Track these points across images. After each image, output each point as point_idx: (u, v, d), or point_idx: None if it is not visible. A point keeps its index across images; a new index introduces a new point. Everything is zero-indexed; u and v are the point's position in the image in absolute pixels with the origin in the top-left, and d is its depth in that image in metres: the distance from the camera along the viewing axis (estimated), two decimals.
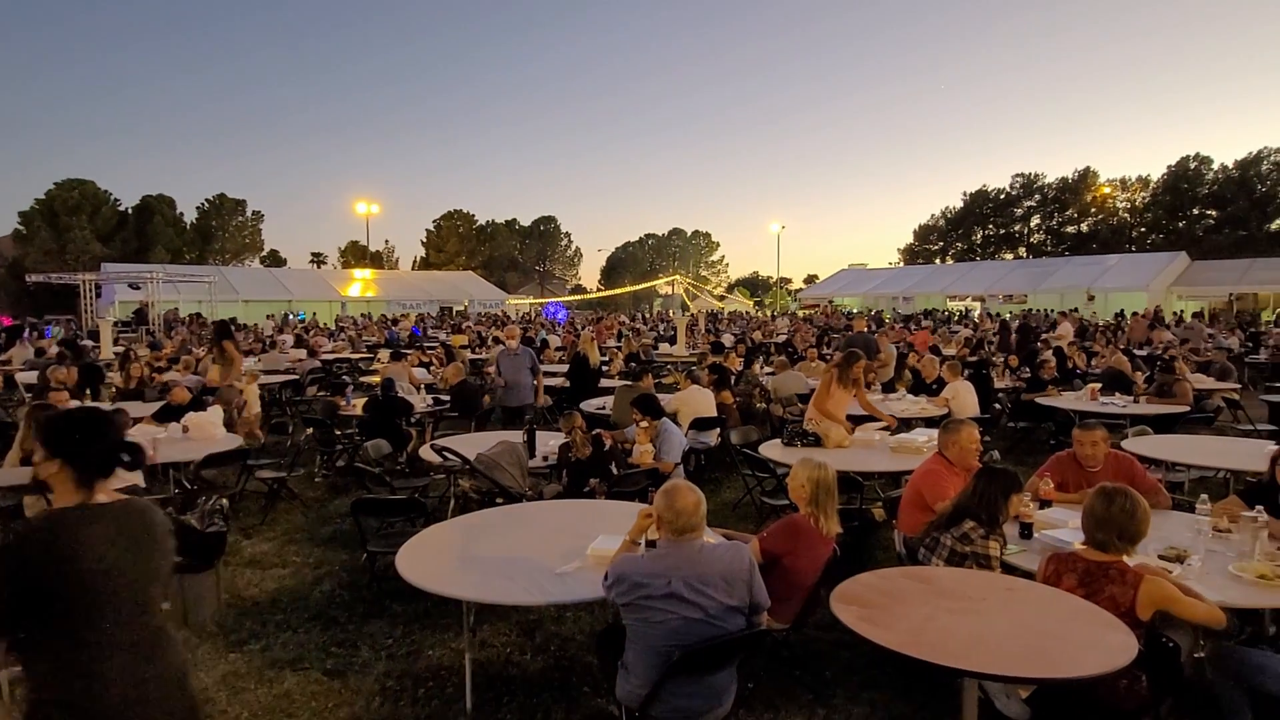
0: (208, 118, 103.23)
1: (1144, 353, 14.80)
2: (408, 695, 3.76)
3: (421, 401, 8.84)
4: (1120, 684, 2.79)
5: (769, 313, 46.24)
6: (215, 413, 6.97)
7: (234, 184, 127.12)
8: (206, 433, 6.67)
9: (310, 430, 7.64)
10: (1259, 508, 4.02)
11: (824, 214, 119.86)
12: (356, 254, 63.51)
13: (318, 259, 69.10)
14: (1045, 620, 2.80)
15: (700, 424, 7.47)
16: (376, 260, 62.73)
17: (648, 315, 41.95)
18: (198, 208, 58.07)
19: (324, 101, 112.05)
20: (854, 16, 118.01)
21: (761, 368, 12.08)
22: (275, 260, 63.72)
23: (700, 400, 7.73)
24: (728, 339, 19.20)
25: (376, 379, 9.93)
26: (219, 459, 6.22)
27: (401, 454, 7.37)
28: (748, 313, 45.40)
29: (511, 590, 3.29)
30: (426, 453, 6.04)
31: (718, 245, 79.67)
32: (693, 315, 31.32)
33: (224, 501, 4.73)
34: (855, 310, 36.72)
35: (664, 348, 18.69)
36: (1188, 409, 8.18)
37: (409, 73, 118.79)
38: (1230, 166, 47.78)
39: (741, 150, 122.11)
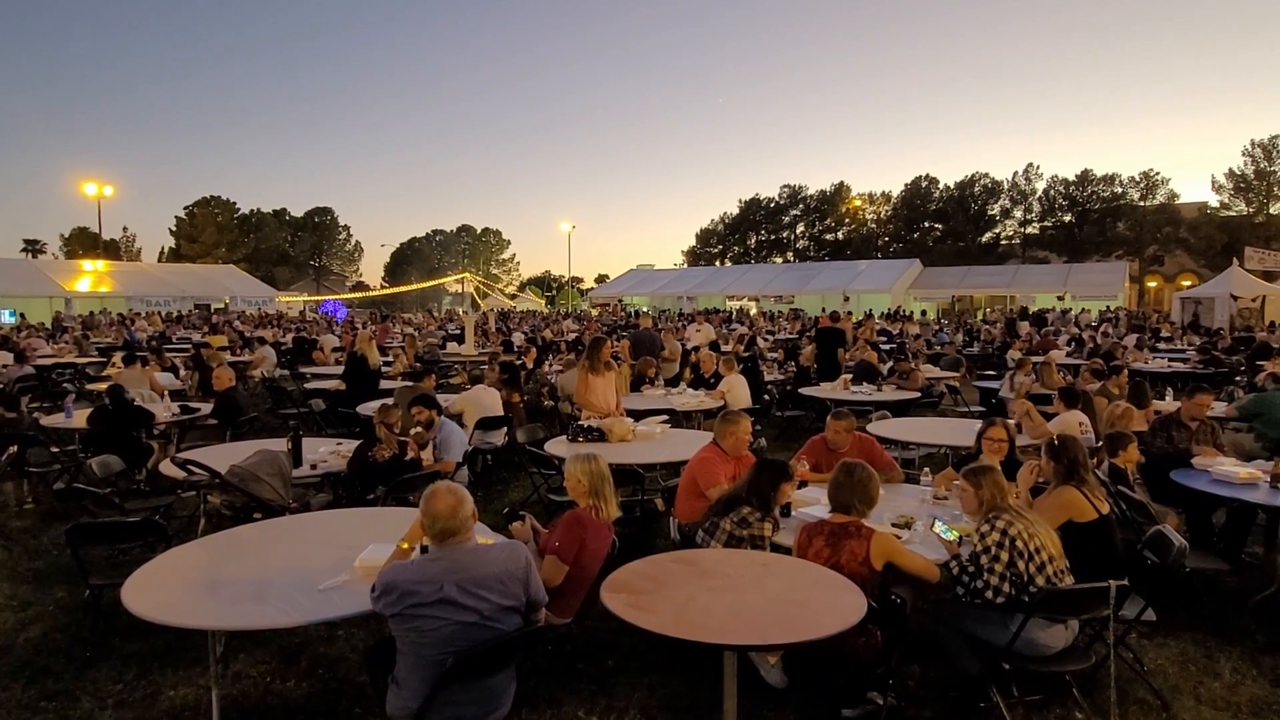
0: None
1: (889, 346, 16.87)
2: None
3: (166, 410, 7.80)
4: (859, 640, 3.13)
5: (559, 312, 46.67)
6: None
7: None
8: None
9: (14, 448, 6.43)
10: None
11: (613, 215, 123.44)
12: (85, 242, 55.06)
13: (33, 247, 59.09)
14: (793, 590, 3.06)
15: (486, 424, 7.32)
16: (112, 250, 54.71)
17: (436, 313, 40.57)
18: None
19: (39, 66, 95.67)
20: (633, 22, 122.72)
21: (550, 366, 12.11)
22: None
23: (485, 400, 7.58)
24: (518, 338, 19.09)
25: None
26: None
27: (140, 471, 6.46)
28: (539, 311, 45.49)
29: (264, 613, 2.98)
30: (170, 468, 5.34)
31: (509, 243, 79.02)
32: (483, 314, 30.75)
33: None
34: (644, 309, 38.19)
35: (452, 347, 18.13)
36: (919, 395, 9.45)
37: (150, 44, 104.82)
38: (952, 187, 55.77)
39: (531, 150, 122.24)
